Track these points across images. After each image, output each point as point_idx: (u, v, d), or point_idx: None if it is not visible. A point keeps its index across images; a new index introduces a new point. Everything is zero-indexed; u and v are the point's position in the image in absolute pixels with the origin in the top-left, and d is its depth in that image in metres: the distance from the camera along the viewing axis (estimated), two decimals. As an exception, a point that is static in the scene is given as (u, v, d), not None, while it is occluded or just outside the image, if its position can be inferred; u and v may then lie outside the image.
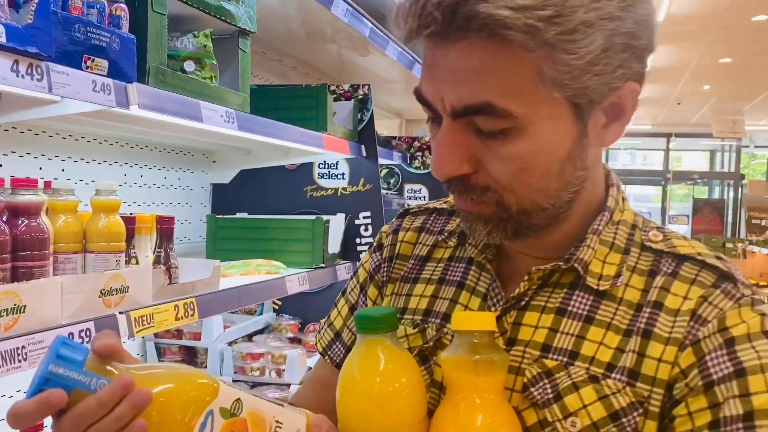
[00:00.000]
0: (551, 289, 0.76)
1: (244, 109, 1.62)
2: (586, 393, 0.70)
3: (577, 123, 0.69)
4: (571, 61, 0.64)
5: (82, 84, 1.09)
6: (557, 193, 0.71)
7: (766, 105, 11.29)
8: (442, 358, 0.73)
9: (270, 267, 1.94)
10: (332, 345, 0.94)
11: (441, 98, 0.68)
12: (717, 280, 0.72)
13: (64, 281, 1.13)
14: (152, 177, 2.21)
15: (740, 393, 0.65)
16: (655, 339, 0.70)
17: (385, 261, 0.92)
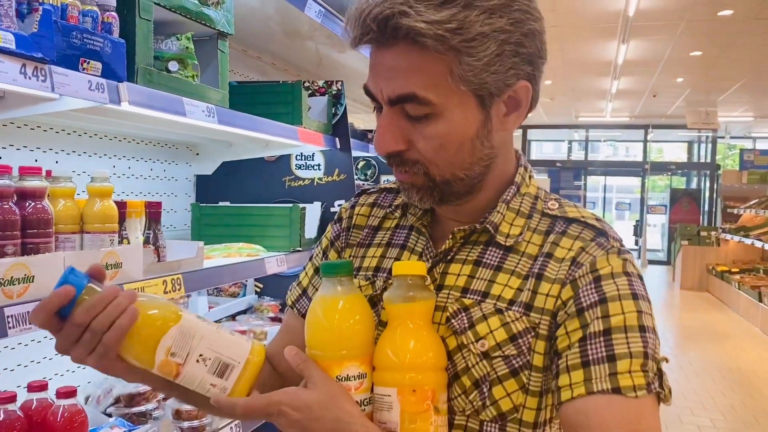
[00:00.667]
0: (471, 246, 0.97)
1: (224, 105, 1.78)
2: (492, 322, 0.89)
3: (482, 111, 0.88)
4: (473, 62, 0.83)
5: (80, 84, 1.25)
6: (470, 166, 0.91)
7: (739, 97, 11.58)
8: (384, 297, 0.91)
9: (250, 250, 2.11)
10: (300, 299, 1.13)
11: (380, 90, 0.88)
12: (594, 236, 0.92)
13: (66, 256, 1.29)
14: (139, 169, 2.36)
15: (602, 315, 0.85)
16: (545, 280, 0.90)
17: (344, 231, 1.12)
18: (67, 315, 0.80)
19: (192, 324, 0.83)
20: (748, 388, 5.54)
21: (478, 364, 0.89)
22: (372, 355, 0.87)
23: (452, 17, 0.81)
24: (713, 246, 11.44)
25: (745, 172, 12.11)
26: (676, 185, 18.07)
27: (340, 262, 0.90)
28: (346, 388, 0.84)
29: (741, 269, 10.15)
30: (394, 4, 0.82)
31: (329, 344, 0.86)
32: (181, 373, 0.82)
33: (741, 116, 13.80)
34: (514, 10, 0.85)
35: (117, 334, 0.79)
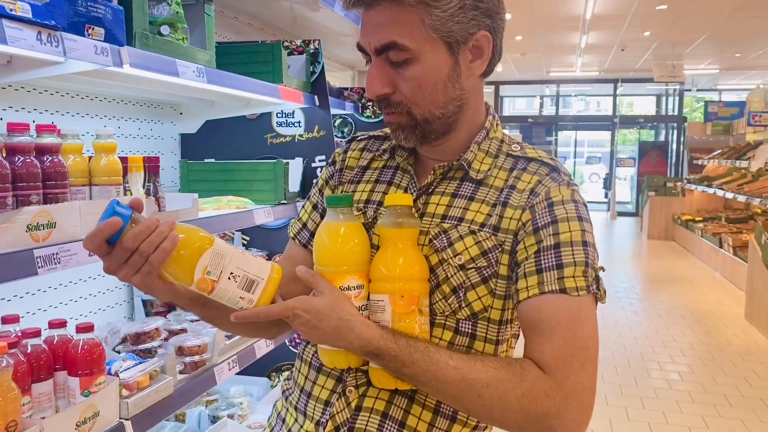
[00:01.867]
0: (448, 181, 1.15)
1: (211, 65, 1.91)
2: (467, 240, 1.08)
3: (451, 56, 1.06)
4: (440, 14, 1.03)
5: (87, 48, 1.38)
6: (444, 105, 1.09)
7: (704, 49, 11.80)
8: (378, 223, 1.10)
9: (239, 203, 2.26)
10: (300, 232, 1.31)
11: (368, 43, 1.08)
12: (549, 172, 1.12)
13: (81, 205, 1.43)
14: (128, 128, 2.48)
15: (553, 233, 1.05)
16: (509, 207, 1.09)
17: (337, 171, 1.29)
18: (114, 242, 0.94)
19: (223, 247, 0.98)
20: (705, 327, 5.89)
21: (456, 274, 1.07)
22: (368, 270, 1.05)
23: None
24: (679, 196, 11.82)
25: (709, 124, 12.45)
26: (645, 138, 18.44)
27: (342, 196, 1.08)
28: (347, 296, 1.02)
29: (704, 218, 10.53)
30: None
31: (333, 261, 1.04)
32: (215, 288, 0.97)
33: (707, 69, 14.06)
34: None
35: (162, 256, 0.94)
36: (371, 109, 3.83)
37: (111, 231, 0.93)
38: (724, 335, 5.64)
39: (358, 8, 1.06)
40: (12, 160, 1.29)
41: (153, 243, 0.94)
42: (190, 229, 0.99)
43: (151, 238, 0.94)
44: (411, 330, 1.02)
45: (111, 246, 0.95)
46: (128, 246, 0.94)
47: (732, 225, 9.40)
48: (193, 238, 0.97)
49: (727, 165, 10.68)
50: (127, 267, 0.95)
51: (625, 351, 5.15)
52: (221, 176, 2.49)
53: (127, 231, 0.94)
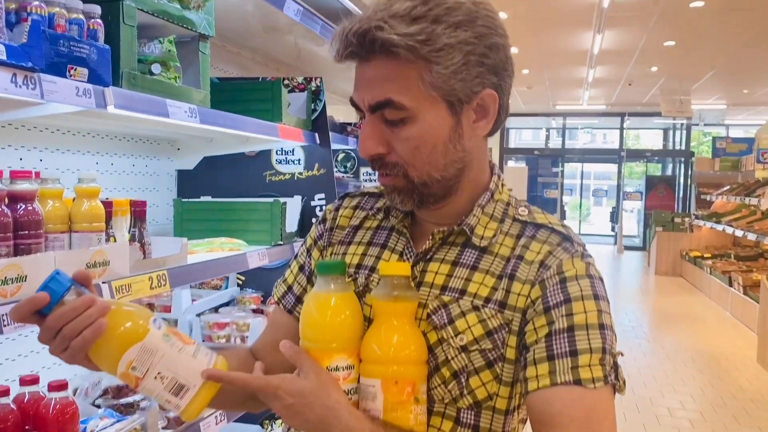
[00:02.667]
0: (449, 246, 1.04)
1: (205, 105, 1.83)
2: (470, 318, 0.97)
3: (452, 116, 0.97)
4: (441, 71, 0.92)
5: (68, 90, 1.30)
6: (444, 167, 0.99)
7: (712, 85, 11.80)
8: (370, 295, 0.99)
9: (233, 244, 2.17)
10: (285, 295, 1.20)
11: (362, 99, 0.98)
12: (560, 241, 1.01)
13: (57, 255, 1.34)
14: (122, 165, 2.40)
15: (566, 313, 0.94)
16: (517, 280, 0.98)
17: (327, 231, 1.19)
18: (47, 314, 0.87)
19: (155, 343, 0.89)
20: (716, 370, 5.73)
21: (457, 356, 0.96)
22: (359, 348, 0.95)
23: (422, 30, 0.90)
24: (687, 232, 11.68)
25: (717, 159, 12.36)
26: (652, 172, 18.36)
27: (334, 263, 0.98)
28: (335, 378, 0.92)
29: (713, 255, 10.38)
30: (371, 20, 0.91)
31: (321, 337, 0.93)
32: (140, 385, 0.89)
33: (714, 104, 14.05)
34: (478, 26, 0.94)
35: (82, 344, 0.86)
36: (375, 144, 3.75)
37: (32, 308, 0.86)
38: (737, 380, 5.46)
39: (351, 61, 0.96)
40: (-20, 209, 1.20)
41: (76, 329, 0.86)
42: (126, 314, 0.90)
43: (74, 323, 0.86)
44: (405, 422, 0.91)
45: (43, 317, 0.88)
46: (50, 326, 0.87)
47: (741, 263, 9.25)
48: (123, 328, 0.89)
49: (736, 201, 10.55)
50: (54, 344, 0.88)
51: (633, 395, 4.99)
52: (216, 215, 2.41)
53: (56, 308, 0.87)
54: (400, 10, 0.91)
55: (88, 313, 0.86)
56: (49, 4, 1.31)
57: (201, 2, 1.74)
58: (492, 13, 0.97)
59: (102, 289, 1.44)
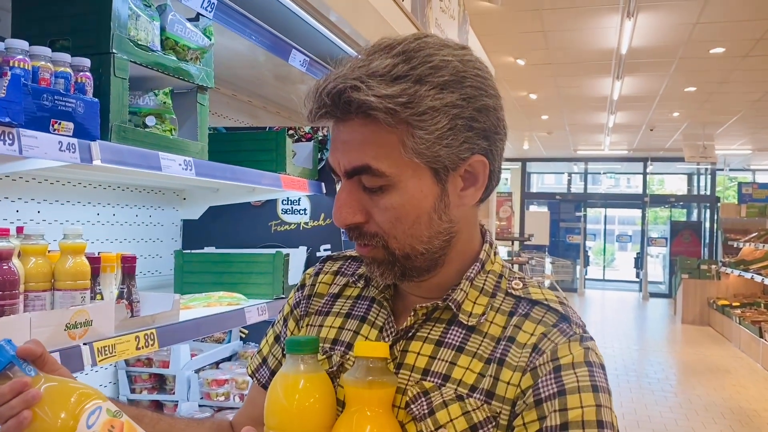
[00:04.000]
0: (433, 323, 0.94)
1: (203, 156, 1.79)
2: (453, 409, 0.86)
3: (437, 184, 0.88)
4: (424, 135, 0.84)
5: (50, 145, 1.26)
6: (429, 240, 0.89)
7: (736, 129, 11.64)
8: (343, 379, 0.89)
9: (231, 299, 2.10)
10: (259, 369, 1.11)
11: (338, 163, 0.89)
12: (557, 321, 0.90)
13: (33, 317, 1.28)
14: (124, 215, 2.37)
15: (560, 408, 0.83)
16: (507, 366, 0.87)
17: (305, 298, 1.10)
18: None
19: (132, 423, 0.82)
20: (749, 428, 5.45)
21: None
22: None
23: (403, 92, 0.82)
24: (714, 280, 11.37)
25: (743, 206, 12.11)
26: (676, 217, 18.06)
27: (305, 340, 0.88)
28: None
29: (742, 303, 10.07)
30: (347, 79, 0.83)
31: (288, 425, 0.84)
32: None
33: (739, 149, 13.85)
34: (466, 86, 0.86)
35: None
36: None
37: None
38: (770, 438, 5.19)
39: (326, 121, 0.88)
40: (-49, 269, 1.15)
41: (1, 416, 0.79)
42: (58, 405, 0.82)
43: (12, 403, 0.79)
44: None
45: None
46: None
47: (772, 312, 8.94)
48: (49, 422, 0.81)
49: (764, 249, 10.27)
50: None
51: (660, 454, 4.75)
52: (217, 267, 2.34)
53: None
54: (380, 69, 0.83)
55: (12, 404, 0.79)
56: (34, 57, 1.28)
57: (199, 54, 1.72)
58: (482, 71, 0.89)
59: (82, 351, 1.38)
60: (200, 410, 2.24)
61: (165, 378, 2.35)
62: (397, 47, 0.85)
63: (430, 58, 0.84)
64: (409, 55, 0.84)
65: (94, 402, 0.83)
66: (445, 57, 0.85)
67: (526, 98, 9.46)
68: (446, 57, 0.85)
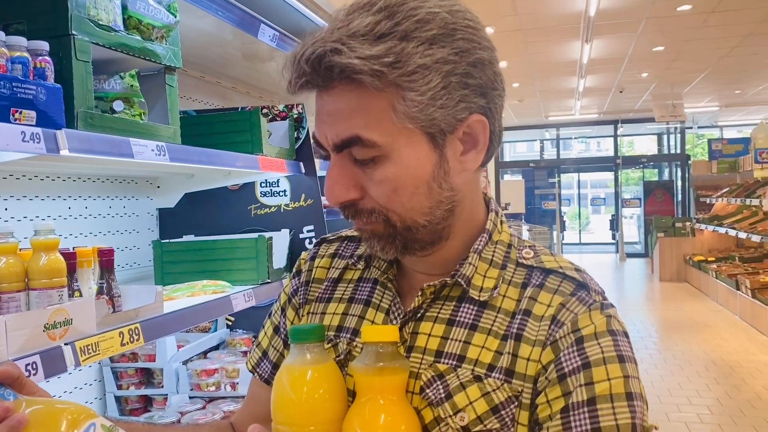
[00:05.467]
0: (442, 301, 0.88)
1: (175, 141, 1.71)
2: (471, 391, 0.81)
3: (435, 150, 0.81)
4: (416, 97, 0.77)
5: (11, 136, 1.17)
6: (430, 210, 0.83)
7: (703, 87, 11.75)
8: (352, 367, 0.83)
9: (215, 287, 2.03)
10: (260, 363, 1.05)
11: (325, 137, 0.82)
12: (574, 289, 0.85)
13: (8, 320, 1.20)
14: (97, 207, 2.27)
15: (585, 382, 0.78)
16: (524, 342, 0.82)
17: (302, 285, 1.03)
18: None
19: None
20: (732, 380, 5.56)
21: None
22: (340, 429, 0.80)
23: (389, 51, 0.75)
24: (689, 237, 11.55)
25: (714, 162, 12.27)
26: (648, 177, 18.27)
27: (310, 327, 0.82)
28: None
29: (717, 258, 10.24)
30: (327, 42, 0.75)
31: (297, 420, 0.78)
32: None
33: (707, 106, 14.00)
34: (457, 40, 0.78)
35: None
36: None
37: None
38: (753, 388, 5.30)
39: (307, 91, 0.80)
40: None
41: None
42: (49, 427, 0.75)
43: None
44: None
45: None
46: None
47: (747, 265, 9.11)
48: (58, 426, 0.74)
49: (736, 203, 10.44)
50: None
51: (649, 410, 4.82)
52: (198, 255, 2.27)
53: None
54: (361, 28, 0.75)
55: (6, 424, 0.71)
56: (-13, 43, 1.19)
57: (164, 32, 1.63)
58: (473, 21, 0.82)
59: (64, 351, 1.31)
60: (191, 402, 2.19)
61: (152, 372, 2.28)
62: (378, 3, 0.77)
63: (415, 12, 0.77)
64: (391, 10, 0.77)
65: (87, 420, 0.76)
66: (431, 9, 0.78)
67: (496, 66, 9.39)
68: (432, 9, 0.78)
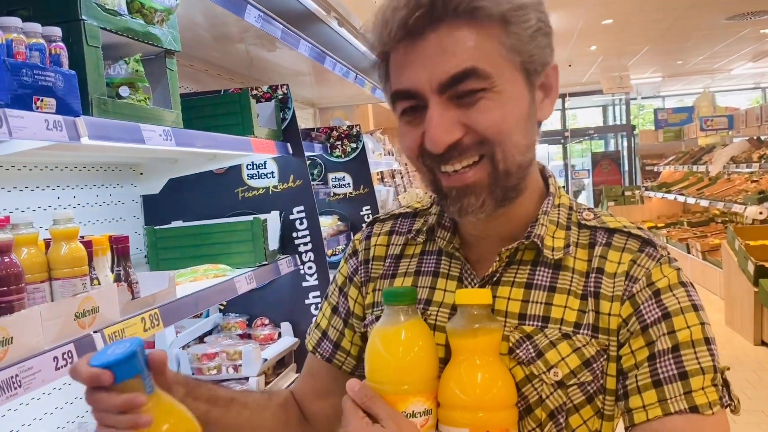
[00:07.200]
0: (516, 266, 0.92)
1: (178, 125, 1.70)
2: (562, 348, 0.86)
3: (529, 90, 0.86)
4: (520, 32, 0.82)
5: (37, 124, 1.16)
6: (527, 149, 0.87)
7: (648, 59, 12.08)
8: (448, 328, 0.87)
9: (217, 270, 2.04)
10: (321, 343, 1.08)
11: (428, 80, 0.82)
12: (641, 246, 0.90)
13: (42, 310, 1.20)
14: (84, 197, 2.23)
15: (668, 331, 0.84)
16: (603, 298, 0.87)
17: (362, 264, 1.06)
18: None
19: None
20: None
21: (553, 394, 0.86)
22: (436, 390, 0.83)
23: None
24: (638, 204, 11.95)
25: (660, 131, 12.68)
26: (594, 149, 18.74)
27: (404, 290, 0.86)
28: (413, 425, 0.80)
29: (666, 224, 10.64)
30: None
31: (394, 378, 0.82)
32: None
33: (651, 77, 14.41)
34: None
35: None
36: (340, 148, 3.64)
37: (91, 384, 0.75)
38: (710, 344, 5.59)
39: (406, 39, 0.82)
40: (-47, 269, 1.05)
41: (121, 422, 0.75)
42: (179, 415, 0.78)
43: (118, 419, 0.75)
44: None
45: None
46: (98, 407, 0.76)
47: (695, 229, 9.50)
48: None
49: (683, 170, 10.84)
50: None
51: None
52: (193, 240, 2.26)
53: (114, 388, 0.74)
54: None
55: (120, 419, 0.74)
56: (6, 30, 1.17)
57: (165, 16, 1.61)
58: None
59: (95, 339, 1.31)
60: (194, 387, 2.19)
61: (150, 359, 2.27)
62: None
63: None
64: None
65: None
66: None
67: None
68: None
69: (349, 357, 1.07)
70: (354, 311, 1.06)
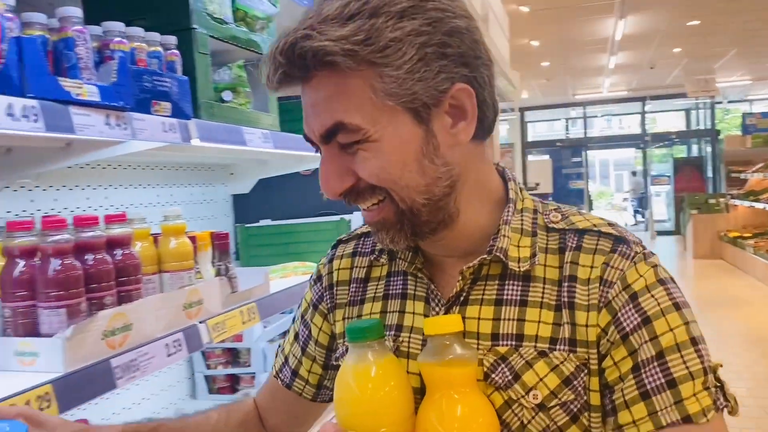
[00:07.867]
0: (483, 282, 0.86)
1: (275, 128, 1.78)
2: (539, 368, 0.80)
3: (420, 125, 0.79)
4: (392, 72, 0.75)
5: (155, 127, 1.25)
6: (427, 188, 0.80)
7: (735, 62, 11.57)
8: (419, 362, 0.80)
9: (305, 268, 2.11)
10: (282, 369, 1.06)
11: (312, 131, 0.81)
12: (613, 245, 0.83)
13: (156, 300, 1.29)
14: (180, 195, 2.35)
15: (650, 337, 0.77)
16: (578, 309, 0.81)
17: (326, 290, 1.01)
18: None
19: None
20: (778, 354, 5.56)
21: (535, 418, 0.80)
22: (413, 426, 0.78)
23: (358, 29, 0.74)
24: (723, 213, 11.44)
25: (748, 137, 12.08)
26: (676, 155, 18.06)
27: (369, 324, 0.78)
28: None
29: (753, 234, 10.15)
30: (298, 31, 0.75)
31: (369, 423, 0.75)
32: None
33: (738, 80, 13.79)
34: (428, 10, 0.77)
35: None
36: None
37: None
38: (801, 362, 5.30)
39: (288, 87, 0.79)
40: (83, 259, 1.15)
41: None
42: None
43: None
44: None
45: None
46: None
47: (785, 240, 9.03)
48: None
49: (773, 178, 10.31)
50: None
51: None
52: (281, 239, 2.35)
53: None
54: (331, 12, 0.75)
55: None
56: (130, 39, 1.27)
57: (265, 24, 1.69)
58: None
59: (200, 329, 1.39)
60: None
61: (238, 351, 2.37)
62: None
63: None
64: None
65: None
66: None
67: (527, 46, 9.36)
68: None
69: (308, 385, 1.04)
70: (318, 340, 1.02)
